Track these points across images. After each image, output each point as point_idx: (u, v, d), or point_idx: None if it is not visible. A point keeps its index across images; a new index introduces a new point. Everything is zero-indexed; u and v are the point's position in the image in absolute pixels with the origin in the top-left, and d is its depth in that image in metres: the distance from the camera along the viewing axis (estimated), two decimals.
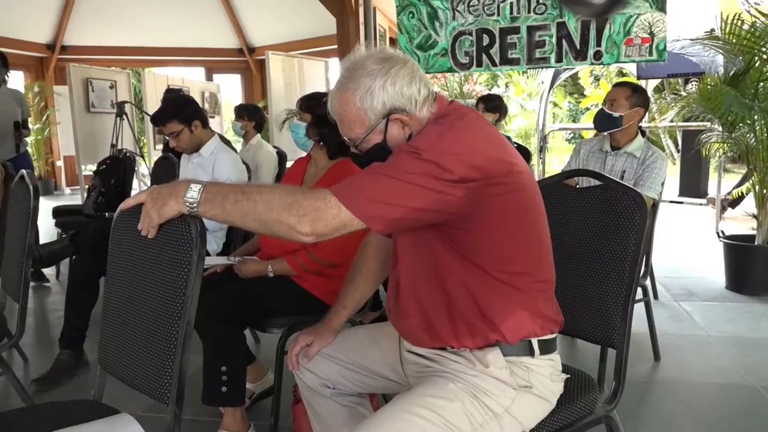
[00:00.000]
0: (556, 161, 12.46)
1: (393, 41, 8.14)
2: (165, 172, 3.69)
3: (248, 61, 10.67)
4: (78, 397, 2.49)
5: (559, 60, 4.79)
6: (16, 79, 10.03)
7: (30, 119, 4.74)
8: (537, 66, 5.02)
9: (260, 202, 1.16)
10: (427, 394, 1.21)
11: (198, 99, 9.00)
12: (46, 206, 4.03)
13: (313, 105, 2.19)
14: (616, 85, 2.93)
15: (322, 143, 2.18)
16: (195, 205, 1.18)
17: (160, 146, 8.04)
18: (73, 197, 9.25)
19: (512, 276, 1.25)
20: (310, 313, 2.06)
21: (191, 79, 9.27)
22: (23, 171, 2.08)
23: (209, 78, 10.91)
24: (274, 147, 4.43)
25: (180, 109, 2.74)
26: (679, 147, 9.09)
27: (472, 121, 1.25)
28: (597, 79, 16.75)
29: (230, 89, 12.34)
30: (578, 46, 4.66)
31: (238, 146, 4.47)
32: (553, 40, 4.75)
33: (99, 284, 2.66)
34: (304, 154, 2.38)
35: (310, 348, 1.53)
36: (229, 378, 1.90)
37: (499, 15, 4.95)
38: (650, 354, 2.79)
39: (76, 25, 9.65)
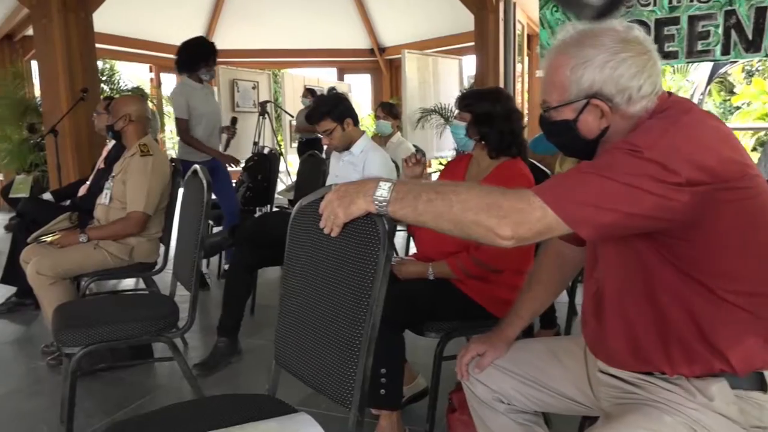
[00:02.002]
0: None
1: (530, 38, 7.87)
2: (311, 169, 3.78)
3: (378, 61, 10.81)
4: (233, 383, 2.59)
5: (725, 52, 4.33)
6: (169, 80, 10.89)
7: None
8: (698, 59, 4.59)
9: (456, 202, 1.08)
10: (639, 426, 1.07)
11: None
12: None
13: (471, 103, 2.10)
14: None
15: (483, 142, 2.08)
16: (384, 203, 1.12)
17: (295, 144, 8.37)
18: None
19: (743, 296, 1.07)
20: (470, 319, 1.98)
21: (326, 80, 9.55)
22: (196, 166, 2.17)
23: (340, 78, 11.20)
24: (414, 146, 4.40)
25: (333, 107, 2.76)
26: None
27: (700, 116, 1.09)
28: (750, 74, 15.24)
29: (358, 89, 12.56)
30: (750, 37, 4.18)
31: None
32: (720, 30, 4.30)
33: (255, 276, 2.76)
34: (437, 152, 2.29)
35: (482, 358, 1.44)
36: (388, 380, 1.85)
37: (656, 5, 4.56)
38: None
39: (221, 29, 10.28)
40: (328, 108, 2.74)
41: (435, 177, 7.38)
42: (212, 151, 4.05)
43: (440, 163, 6.84)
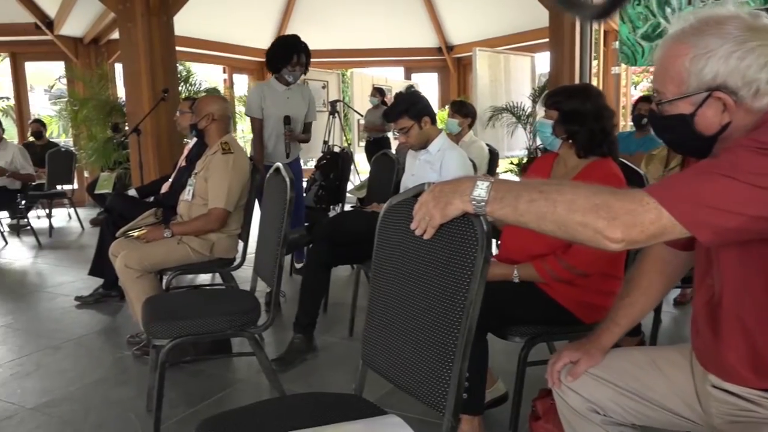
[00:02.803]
0: None
1: (607, 33, 7.61)
2: (384, 168, 3.77)
3: (446, 60, 10.73)
4: (308, 380, 2.61)
5: None
6: (241, 82, 11.21)
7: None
8: None
9: (561, 202, 1.02)
10: None
11: None
12: None
13: (559, 101, 2.02)
14: None
15: (570, 141, 2.00)
16: (483, 203, 1.08)
17: (362, 143, 8.41)
18: None
19: None
20: (556, 324, 1.91)
21: (393, 79, 9.56)
22: (278, 164, 2.20)
23: (407, 77, 11.19)
24: (487, 145, 4.31)
25: (411, 105, 2.75)
26: None
27: None
28: None
29: (425, 88, 12.50)
30: None
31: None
32: None
33: (330, 274, 2.78)
34: (507, 151, 2.22)
35: (575, 366, 1.38)
36: (471, 385, 1.80)
37: None
38: None
39: (292, 30, 10.46)
40: (406, 106, 2.73)
41: (503, 177, 7.24)
42: (259, 160, 3.86)
43: (511, 163, 6.71)
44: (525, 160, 6.11)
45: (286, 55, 3.82)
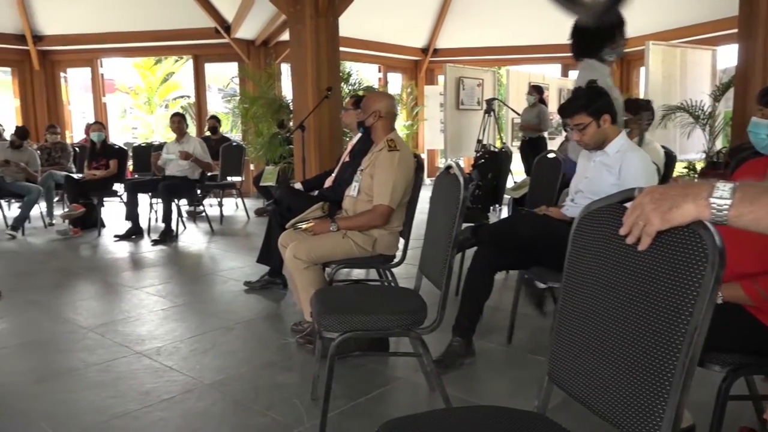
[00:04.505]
0: None
1: None
2: (548, 170, 3.59)
3: None
4: (464, 385, 2.54)
5: None
6: (395, 80, 11.41)
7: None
8: None
9: None
10: None
11: (555, 96, 8.88)
12: None
13: None
14: None
15: None
16: (726, 208, 0.92)
17: (517, 143, 8.18)
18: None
19: None
20: (767, 354, 1.66)
21: (550, 76, 9.18)
22: (450, 161, 2.14)
23: (564, 74, 10.69)
24: (662, 147, 3.94)
25: (590, 101, 2.57)
26: None
27: None
28: None
29: None
30: None
31: None
32: None
33: (494, 278, 2.68)
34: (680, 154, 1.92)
35: None
36: None
37: None
38: None
39: (446, 29, 10.47)
40: (586, 101, 2.56)
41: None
42: None
43: (685, 167, 6.11)
44: (704, 165, 5.53)
45: (610, 31, 3.11)
